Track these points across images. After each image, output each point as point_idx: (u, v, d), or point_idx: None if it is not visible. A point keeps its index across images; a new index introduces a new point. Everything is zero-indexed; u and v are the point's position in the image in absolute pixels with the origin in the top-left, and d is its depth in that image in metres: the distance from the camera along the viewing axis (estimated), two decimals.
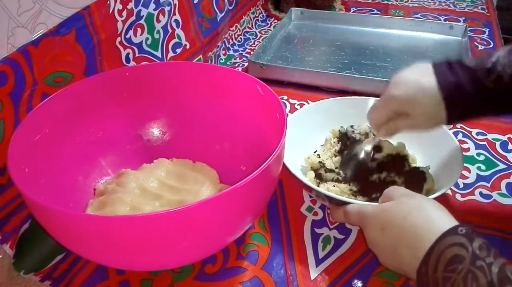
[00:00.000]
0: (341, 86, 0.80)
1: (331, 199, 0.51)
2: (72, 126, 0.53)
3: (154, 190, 0.54)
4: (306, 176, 0.57)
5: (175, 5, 0.75)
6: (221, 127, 0.60)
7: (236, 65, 0.93)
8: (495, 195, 0.58)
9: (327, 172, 0.57)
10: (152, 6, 0.69)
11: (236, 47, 1.00)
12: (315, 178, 0.57)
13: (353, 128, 0.62)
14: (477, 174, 0.62)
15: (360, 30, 1.03)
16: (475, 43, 0.97)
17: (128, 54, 0.65)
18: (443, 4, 1.18)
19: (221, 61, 0.93)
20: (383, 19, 1.04)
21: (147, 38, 0.69)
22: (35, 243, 0.51)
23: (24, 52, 0.49)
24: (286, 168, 0.53)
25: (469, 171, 0.62)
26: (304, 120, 0.63)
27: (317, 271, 0.49)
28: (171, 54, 0.75)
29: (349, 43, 0.97)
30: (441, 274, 0.35)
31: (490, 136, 0.69)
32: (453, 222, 0.39)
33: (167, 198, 0.53)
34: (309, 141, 0.63)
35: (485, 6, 1.15)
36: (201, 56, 0.83)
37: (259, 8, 1.14)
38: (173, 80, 0.59)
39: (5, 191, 0.48)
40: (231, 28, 0.98)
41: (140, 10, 0.66)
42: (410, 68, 0.50)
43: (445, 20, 1.08)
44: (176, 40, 0.76)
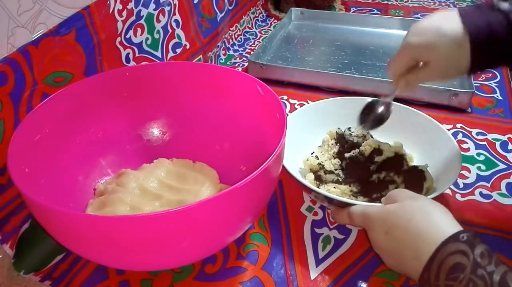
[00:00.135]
0: (341, 86, 0.80)
1: (332, 201, 0.51)
2: (72, 126, 0.53)
3: (154, 190, 0.54)
4: (305, 178, 0.57)
5: (175, 5, 0.75)
6: (221, 127, 0.60)
7: (236, 65, 0.93)
8: (495, 195, 0.58)
9: (326, 173, 0.57)
10: (152, 6, 0.69)
11: (236, 47, 1.00)
12: (314, 180, 0.57)
13: (350, 131, 0.61)
14: (477, 174, 0.62)
15: (360, 30, 1.03)
16: None
17: (128, 54, 0.65)
18: (443, 4, 1.18)
19: (221, 61, 0.93)
20: (383, 19, 1.04)
21: (147, 38, 0.69)
22: (35, 243, 0.51)
23: (24, 52, 0.49)
24: (286, 170, 0.53)
25: (469, 171, 0.62)
26: (301, 121, 0.63)
27: (317, 271, 0.49)
28: (171, 54, 0.75)
29: (349, 43, 0.97)
30: (443, 282, 0.35)
31: (490, 136, 0.69)
32: (456, 227, 0.39)
33: (167, 198, 0.53)
34: (306, 142, 0.63)
35: None
36: (201, 56, 0.83)
37: (259, 8, 1.14)
38: (173, 80, 0.59)
39: (5, 191, 0.48)
40: (231, 28, 0.98)
41: (140, 10, 0.66)
42: (431, 15, 0.47)
43: None
44: (176, 40, 0.76)
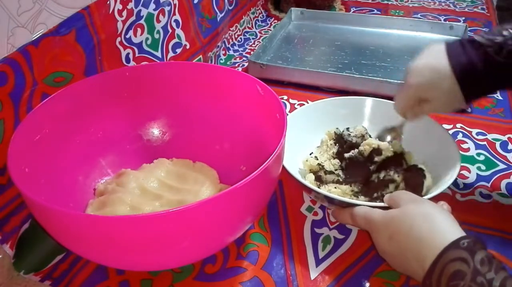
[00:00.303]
0: (341, 86, 0.80)
1: (332, 201, 0.51)
2: (72, 126, 0.53)
3: (154, 190, 0.54)
4: (305, 178, 0.57)
5: (175, 5, 0.75)
6: (221, 127, 0.60)
7: (236, 65, 0.93)
8: (495, 195, 0.58)
9: (326, 174, 0.57)
10: (152, 6, 0.69)
11: (236, 47, 1.00)
12: (315, 180, 0.57)
13: (349, 131, 0.60)
14: (477, 174, 0.62)
15: (360, 30, 1.03)
16: None
17: (128, 54, 0.65)
18: (443, 4, 1.18)
19: (221, 61, 0.93)
20: (383, 19, 1.04)
21: (147, 38, 0.69)
22: (35, 243, 0.51)
23: (24, 52, 0.49)
24: (286, 170, 0.53)
25: (469, 171, 0.62)
26: (300, 121, 0.63)
27: (317, 271, 0.49)
28: (171, 54, 0.75)
29: (349, 43, 0.97)
30: None
31: (490, 136, 0.69)
32: (457, 232, 0.39)
33: (167, 198, 0.53)
34: (305, 142, 0.63)
35: (485, 6, 1.15)
36: (201, 56, 0.83)
37: (259, 8, 1.14)
38: (173, 80, 0.59)
39: (5, 191, 0.48)
40: (231, 28, 0.98)
41: (140, 10, 0.66)
42: (423, 53, 0.51)
43: (445, 20, 1.08)
44: (176, 40, 0.76)
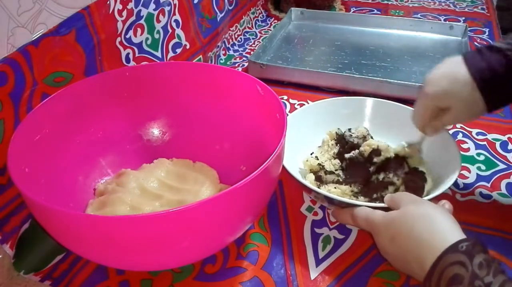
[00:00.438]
0: (341, 86, 0.80)
1: (332, 201, 0.51)
2: (72, 126, 0.53)
3: (154, 190, 0.54)
4: (305, 178, 0.57)
5: (175, 5, 0.75)
6: (221, 127, 0.60)
7: (236, 65, 0.93)
8: (495, 195, 0.58)
9: (327, 174, 0.57)
10: (152, 6, 0.69)
11: (236, 47, 1.00)
12: (315, 180, 0.57)
13: (351, 132, 0.60)
14: (477, 174, 0.62)
15: (360, 30, 1.03)
16: (475, 43, 0.97)
17: (128, 54, 0.65)
18: (443, 4, 1.18)
19: (221, 61, 0.93)
20: (383, 19, 1.04)
21: (147, 38, 0.69)
22: (35, 243, 0.51)
23: (24, 52, 0.49)
24: (286, 170, 0.53)
25: (469, 171, 0.62)
26: (301, 121, 0.63)
27: (317, 271, 0.49)
28: (171, 54, 0.75)
29: (349, 43, 0.97)
30: None
31: (490, 136, 0.69)
32: (457, 234, 0.39)
33: (167, 198, 0.53)
34: (306, 142, 0.63)
35: (485, 6, 1.15)
36: (201, 56, 0.83)
37: (259, 8, 1.14)
38: (173, 80, 0.59)
39: (5, 191, 0.48)
40: (231, 28, 0.98)
41: (140, 10, 0.66)
42: (441, 64, 0.50)
43: (445, 20, 1.08)
44: (176, 40, 0.76)
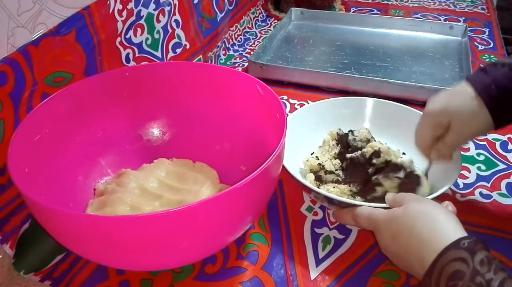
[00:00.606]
0: (341, 86, 0.80)
1: (332, 201, 0.51)
2: (72, 126, 0.53)
3: (154, 190, 0.54)
4: (305, 178, 0.57)
5: (175, 5, 0.75)
6: (221, 127, 0.60)
7: (236, 65, 0.93)
8: (495, 195, 0.58)
9: (326, 174, 0.57)
10: (152, 6, 0.69)
11: (236, 47, 1.00)
12: (315, 180, 0.57)
13: (354, 135, 0.59)
14: (477, 174, 0.62)
15: (360, 30, 1.03)
16: (475, 43, 0.97)
17: (128, 54, 0.65)
18: (443, 4, 1.18)
19: (221, 61, 0.93)
20: (383, 19, 1.04)
21: (147, 38, 0.69)
22: (35, 243, 0.51)
23: (24, 52, 0.49)
24: (286, 170, 0.53)
25: (469, 171, 0.62)
26: (301, 121, 0.63)
27: (317, 271, 0.49)
28: (171, 54, 0.75)
29: (349, 43, 0.97)
30: None
31: (490, 136, 0.69)
32: (459, 231, 0.39)
33: (167, 198, 0.53)
34: (307, 142, 0.63)
35: (485, 6, 1.15)
36: (201, 56, 0.83)
37: (259, 8, 1.14)
38: (173, 80, 0.59)
39: (5, 191, 0.48)
40: (231, 28, 0.98)
41: (140, 10, 0.66)
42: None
43: (445, 20, 1.08)
44: (176, 40, 0.76)
